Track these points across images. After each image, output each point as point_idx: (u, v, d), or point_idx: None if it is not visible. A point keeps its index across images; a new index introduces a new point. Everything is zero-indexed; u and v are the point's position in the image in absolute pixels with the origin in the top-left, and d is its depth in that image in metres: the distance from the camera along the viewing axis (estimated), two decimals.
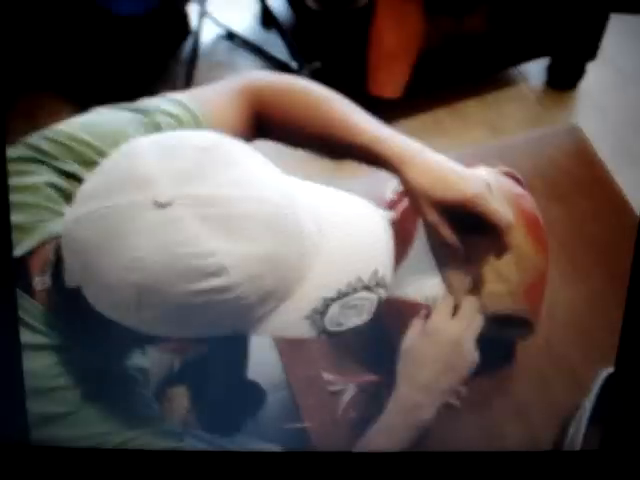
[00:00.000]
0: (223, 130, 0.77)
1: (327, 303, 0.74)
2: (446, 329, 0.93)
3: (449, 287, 0.96)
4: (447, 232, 0.91)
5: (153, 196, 0.66)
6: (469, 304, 0.95)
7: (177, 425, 1.22)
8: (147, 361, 0.91)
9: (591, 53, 2.27)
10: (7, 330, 0.76)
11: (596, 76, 2.36)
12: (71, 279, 0.71)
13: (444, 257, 0.96)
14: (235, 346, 1.39)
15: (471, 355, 0.93)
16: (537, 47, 2.27)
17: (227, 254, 0.66)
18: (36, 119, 0.85)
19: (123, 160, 0.71)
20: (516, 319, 1.00)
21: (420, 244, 0.98)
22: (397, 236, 1.00)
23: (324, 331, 0.75)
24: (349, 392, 1.09)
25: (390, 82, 2.11)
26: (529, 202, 1.01)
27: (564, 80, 2.38)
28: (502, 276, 0.97)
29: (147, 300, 0.67)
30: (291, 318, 0.73)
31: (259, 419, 1.51)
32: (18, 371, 0.75)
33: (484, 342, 1.06)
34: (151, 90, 0.95)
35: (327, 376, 1.11)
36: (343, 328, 0.76)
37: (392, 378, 1.08)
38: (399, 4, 1.98)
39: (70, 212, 0.71)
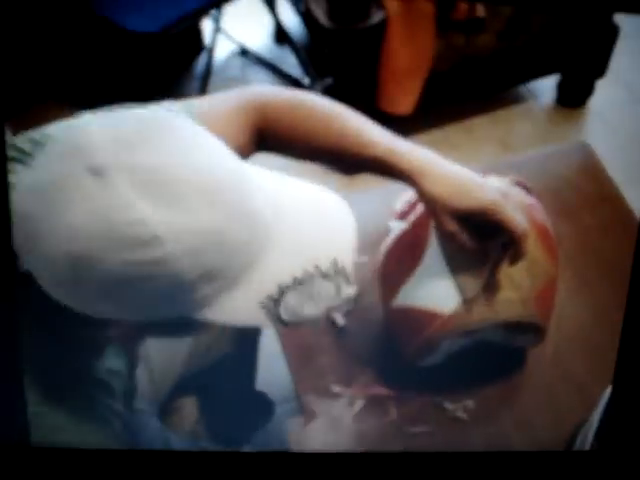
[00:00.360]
0: None
1: (282, 290, 0.71)
2: None
3: (463, 295, 0.97)
4: (466, 240, 0.92)
5: (89, 163, 0.64)
6: None
7: (186, 435, 1.23)
8: (122, 364, 0.88)
9: (600, 71, 2.29)
10: (7, 330, 0.75)
11: (605, 94, 2.37)
12: (21, 261, 0.70)
13: (458, 265, 0.97)
14: (244, 357, 1.40)
15: None
16: (547, 65, 2.28)
17: (162, 223, 0.63)
18: None
19: (66, 130, 0.69)
20: (527, 325, 1.01)
21: (433, 253, 0.99)
22: (409, 246, 1.02)
23: (279, 320, 0.72)
24: (358, 404, 1.10)
25: (401, 99, 2.12)
26: (539, 211, 1.02)
27: (573, 98, 2.39)
28: (514, 283, 0.98)
29: (82, 272, 0.64)
30: (243, 304, 0.70)
31: (268, 430, 1.51)
32: (18, 371, 0.75)
33: (496, 349, 1.07)
34: None
35: (336, 388, 1.12)
36: (299, 318, 0.73)
37: (402, 391, 1.09)
38: (411, 22, 2.00)
39: (16, 188, 0.69)
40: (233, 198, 0.68)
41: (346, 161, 0.94)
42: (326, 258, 0.74)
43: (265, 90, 0.97)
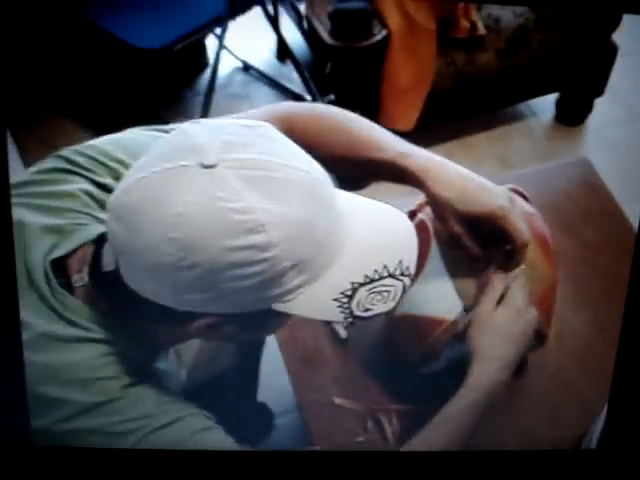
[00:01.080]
0: None
1: (355, 287, 0.77)
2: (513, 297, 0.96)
3: (464, 301, 0.98)
4: (471, 244, 0.93)
5: (200, 160, 0.70)
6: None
7: None
8: (171, 366, 0.93)
9: (599, 89, 2.31)
10: (9, 332, 0.77)
11: (604, 111, 2.39)
12: (110, 260, 0.75)
13: (459, 272, 0.98)
14: (246, 368, 1.40)
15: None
16: (546, 83, 2.30)
17: (266, 212, 0.69)
18: (52, 144, 0.89)
19: (171, 137, 0.76)
20: None
21: (434, 260, 1.00)
22: None
23: (351, 315, 0.78)
24: (360, 417, 1.10)
25: (402, 115, 2.13)
26: (539, 220, 1.03)
27: (572, 115, 2.41)
28: None
29: (188, 258, 0.69)
30: (320, 298, 0.76)
31: (269, 441, 1.51)
32: (20, 372, 0.76)
33: None
34: (167, 120, 0.97)
35: (338, 400, 1.12)
36: (370, 314, 0.79)
37: (403, 404, 1.09)
38: (413, 40, 2.01)
39: (119, 186, 0.75)
40: (323, 195, 0.75)
41: (360, 167, 0.96)
42: (393, 259, 0.80)
43: (287, 104, 1.03)
